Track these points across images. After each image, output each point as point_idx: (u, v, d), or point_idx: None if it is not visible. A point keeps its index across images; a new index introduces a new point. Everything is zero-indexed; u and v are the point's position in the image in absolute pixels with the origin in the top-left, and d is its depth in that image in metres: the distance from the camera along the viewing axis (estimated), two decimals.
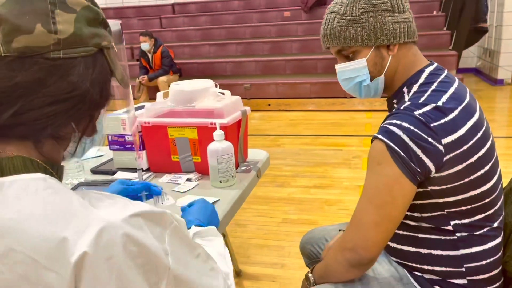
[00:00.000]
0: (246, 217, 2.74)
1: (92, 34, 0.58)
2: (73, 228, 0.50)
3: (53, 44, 0.54)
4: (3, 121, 0.54)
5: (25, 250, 0.49)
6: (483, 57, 7.34)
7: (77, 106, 0.57)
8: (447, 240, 0.99)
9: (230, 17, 7.78)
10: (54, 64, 0.54)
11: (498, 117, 4.95)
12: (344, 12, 1.01)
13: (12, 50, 0.53)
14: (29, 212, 0.51)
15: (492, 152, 1.00)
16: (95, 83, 0.59)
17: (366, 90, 1.09)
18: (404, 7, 1.03)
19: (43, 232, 0.50)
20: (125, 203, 0.56)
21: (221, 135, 1.28)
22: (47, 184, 0.54)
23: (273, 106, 5.87)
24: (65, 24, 0.55)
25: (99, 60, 0.59)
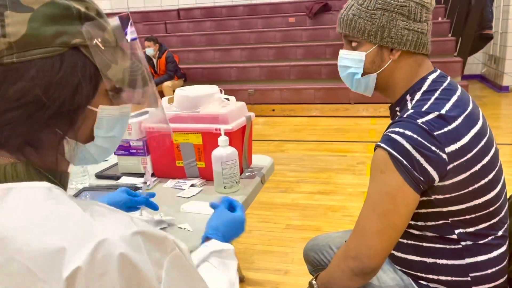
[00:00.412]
0: (250, 222, 2.74)
1: (56, 33, 0.54)
2: (72, 240, 0.49)
3: (5, 48, 0.51)
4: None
5: (24, 260, 0.48)
6: (488, 64, 7.32)
7: (36, 114, 0.54)
8: (452, 249, 0.98)
9: (235, 22, 7.82)
10: (8, 69, 0.52)
11: (503, 124, 4.93)
12: (362, 2, 1.02)
13: None
14: (31, 223, 0.50)
15: (495, 160, 0.99)
16: (60, 85, 0.54)
17: (357, 83, 1.09)
18: (421, 17, 1.00)
19: (42, 243, 0.49)
20: (127, 220, 0.54)
21: (226, 141, 1.28)
22: (52, 195, 0.53)
23: (277, 111, 5.88)
24: (16, 26, 0.52)
25: (68, 60, 0.54)
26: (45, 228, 0.50)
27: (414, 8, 0.99)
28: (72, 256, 0.48)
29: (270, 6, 8.18)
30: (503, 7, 6.59)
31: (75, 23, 0.56)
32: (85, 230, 0.50)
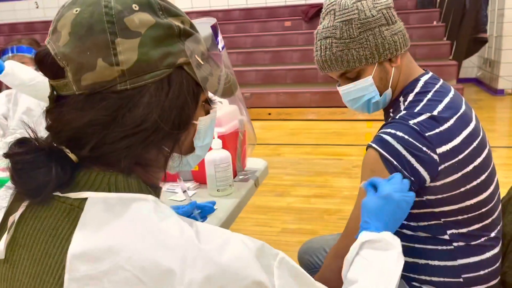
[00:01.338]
0: (245, 226, 2.73)
1: (162, 55, 0.55)
2: (182, 262, 0.50)
3: (118, 76, 0.53)
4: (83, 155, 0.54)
5: (134, 270, 0.49)
6: (484, 67, 7.35)
7: (150, 137, 0.55)
8: (444, 250, 0.98)
9: (231, 26, 7.83)
10: (122, 97, 0.53)
11: (498, 127, 4.95)
12: (341, 35, 1.00)
13: (83, 88, 0.53)
14: (141, 234, 0.51)
15: (488, 162, 1.00)
16: (171, 107, 0.56)
17: (375, 106, 1.09)
18: (395, 17, 1.03)
19: (153, 256, 0.50)
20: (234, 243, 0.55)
21: (219, 144, 1.28)
22: (159, 208, 0.54)
23: (273, 115, 5.88)
24: (128, 53, 0.53)
25: (175, 80, 0.56)
26: (155, 242, 0.51)
27: (387, 13, 1.01)
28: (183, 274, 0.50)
29: (266, 10, 8.20)
30: (497, 11, 6.63)
31: (177, 41, 0.57)
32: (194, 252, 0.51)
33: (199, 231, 0.54)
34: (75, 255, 0.50)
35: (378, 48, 1.00)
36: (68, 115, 0.54)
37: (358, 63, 1.01)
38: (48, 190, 0.54)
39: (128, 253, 0.50)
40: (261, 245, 0.58)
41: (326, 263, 1.02)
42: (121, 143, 0.54)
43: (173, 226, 0.53)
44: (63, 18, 0.55)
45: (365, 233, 0.77)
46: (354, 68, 1.03)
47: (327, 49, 1.03)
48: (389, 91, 1.05)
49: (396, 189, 0.80)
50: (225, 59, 0.67)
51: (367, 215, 0.80)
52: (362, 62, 1.01)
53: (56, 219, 0.54)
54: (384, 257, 0.74)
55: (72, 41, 0.53)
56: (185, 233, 0.53)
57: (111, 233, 0.51)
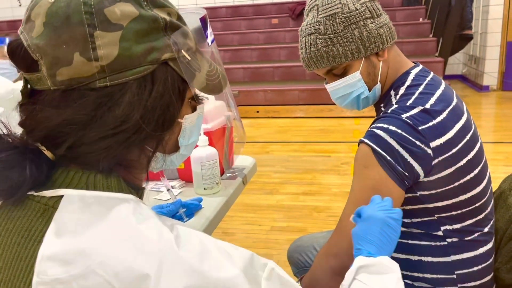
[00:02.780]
0: (234, 225, 2.70)
1: (146, 50, 0.51)
2: (158, 268, 0.47)
3: (97, 72, 0.49)
4: (59, 154, 0.51)
5: (106, 275, 0.46)
6: (469, 64, 7.43)
7: (131, 138, 0.51)
8: (438, 246, 0.96)
9: (218, 24, 7.77)
10: (101, 94, 0.49)
11: (484, 123, 5.00)
12: (326, 31, 0.98)
13: (58, 83, 0.49)
14: (117, 237, 0.48)
15: (481, 155, 0.98)
16: (154, 107, 0.52)
17: (364, 102, 1.06)
18: (380, 10, 1.01)
19: (128, 261, 0.46)
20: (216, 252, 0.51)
21: (205, 141, 1.24)
22: (139, 210, 0.51)
23: (261, 113, 5.85)
24: (108, 47, 0.49)
25: (159, 77, 0.52)
26: (132, 246, 0.47)
27: (371, 6, 0.99)
28: (158, 282, 0.46)
29: (253, 7, 8.16)
30: (482, 8, 6.70)
31: (163, 35, 0.53)
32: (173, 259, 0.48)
33: (180, 236, 0.50)
34: (45, 257, 0.47)
35: (364, 42, 0.98)
36: (42, 112, 0.50)
37: (344, 58, 0.99)
38: (23, 190, 0.50)
39: (101, 257, 0.46)
40: (249, 255, 0.54)
41: (316, 262, 1.00)
42: (100, 143, 0.50)
43: (152, 229, 0.49)
44: (37, 6, 0.50)
45: (360, 258, 0.73)
46: (340, 64, 1.00)
47: (311, 46, 1.00)
48: (378, 86, 1.03)
49: (377, 208, 0.76)
50: (214, 53, 0.63)
51: (357, 242, 0.75)
52: (348, 57, 0.98)
53: (30, 219, 0.50)
54: (382, 281, 0.69)
55: (46, 32, 0.49)
56: (164, 238, 0.49)
57: (84, 235, 0.47)
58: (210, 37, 0.61)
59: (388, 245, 0.75)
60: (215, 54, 0.64)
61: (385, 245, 0.74)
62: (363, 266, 0.71)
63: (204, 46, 0.61)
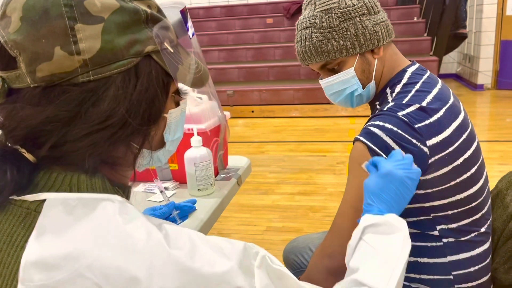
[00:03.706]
0: (229, 226, 2.68)
1: (129, 43, 0.49)
2: (149, 269, 0.45)
3: (79, 67, 0.47)
4: (42, 154, 0.49)
5: (95, 277, 0.44)
6: (463, 63, 7.45)
7: (117, 134, 0.50)
8: (434, 246, 0.95)
9: (213, 24, 7.75)
10: (85, 89, 0.48)
11: (479, 121, 5.01)
12: (321, 25, 0.96)
13: (39, 80, 0.47)
14: (104, 238, 0.46)
15: (478, 154, 0.97)
16: (139, 100, 0.50)
17: (358, 99, 1.05)
18: (377, 7, 1.00)
19: (117, 263, 0.45)
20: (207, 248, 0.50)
21: (199, 141, 1.23)
22: (125, 210, 0.49)
23: (256, 113, 5.83)
24: (89, 41, 0.47)
25: (143, 70, 0.51)
26: (120, 247, 0.46)
27: (368, 2, 0.98)
28: (149, 284, 0.45)
29: (248, 7, 8.15)
30: (476, 7, 6.72)
31: (144, 27, 0.51)
32: (163, 259, 0.47)
33: (169, 235, 0.49)
34: (29, 263, 0.45)
35: (359, 38, 0.96)
36: (22, 111, 0.48)
37: (338, 53, 0.97)
38: (4, 195, 0.48)
39: (89, 260, 0.45)
40: (242, 246, 0.53)
41: (312, 263, 0.98)
42: (85, 140, 0.49)
43: (140, 229, 0.48)
44: (13, 1, 0.48)
45: (367, 216, 0.71)
46: (334, 59, 0.99)
47: (307, 40, 0.99)
48: (372, 83, 1.02)
49: (397, 166, 0.74)
50: (195, 46, 0.62)
51: (369, 197, 0.73)
52: (342, 52, 0.97)
53: (11, 225, 0.48)
54: (388, 242, 0.68)
55: (24, 27, 0.47)
56: (153, 237, 0.48)
57: (70, 238, 0.46)
58: (191, 30, 0.60)
59: (400, 204, 0.73)
60: (196, 47, 0.63)
61: (397, 204, 0.73)
62: (370, 226, 0.70)
63: (185, 39, 0.60)
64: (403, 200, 0.74)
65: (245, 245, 0.54)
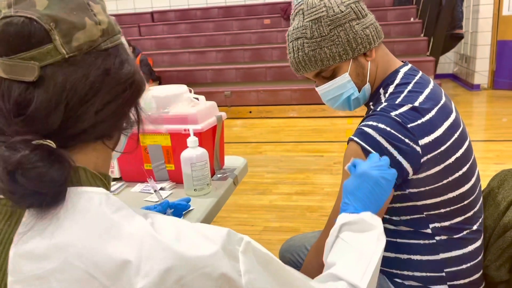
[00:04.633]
0: (227, 226, 2.65)
1: (114, 22, 0.58)
2: (138, 253, 0.47)
3: (100, 36, 0.54)
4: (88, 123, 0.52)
5: (85, 266, 0.46)
6: (460, 63, 7.48)
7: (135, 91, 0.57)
8: (426, 244, 0.96)
9: (210, 24, 7.76)
10: (108, 54, 0.54)
11: (475, 121, 5.03)
12: (312, 35, 0.98)
13: (74, 49, 0.51)
14: (92, 227, 0.48)
15: (469, 153, 0.98)
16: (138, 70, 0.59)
17: (355, 102, 1.06)
18: (365, 11, 1.01)
19: (106, 250, 0.46)
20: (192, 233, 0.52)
21: (195, 142, 1.24)
22: (111, 201, 0.51)
23: (254, 113, 5.85)
24: (101, 15, 0.55)
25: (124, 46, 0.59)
26: (108, 235, 0.47)
27: (355, 7, 0.99)
28: (139, 268, 0.47)
29: (245, 8, 8.16)
30: (473, 7, 6.76)
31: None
32: (153, 243, 0.49)
33: (155, 222, 0.51)
34: (17, 255, 0.47)
35: (351, 44, 0.98)
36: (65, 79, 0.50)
37: (332, 60, 0.99)
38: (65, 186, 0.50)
39: (77, 248, 0.46)
40: (226, 232, 0.54)
41: (307, 260, 1.00)
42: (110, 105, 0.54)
43: (127, 217, 0.50)
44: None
45: (343, 215, 0.76)
46: (328, 67, 1.00)
47: (299, 50, 1.00)
48: (367, 86, 1.03)
49: (373, 167, 0.79)
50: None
51: (346, 196, 0.79)
52: (336, 59, 0.99)
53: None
54: (363, 239, 0.72)
55: (54, 2, 0.52)
56: (140, 224, 0.50)
57: (58, 230, 0.47)
58: None
59: (375, 203, 0.77)
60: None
61: (372, 203, 0.77)
62: (346, 224, 0.74)
63: None
64: (379, 200, 0.78)
65: (228, 231, 0.55)
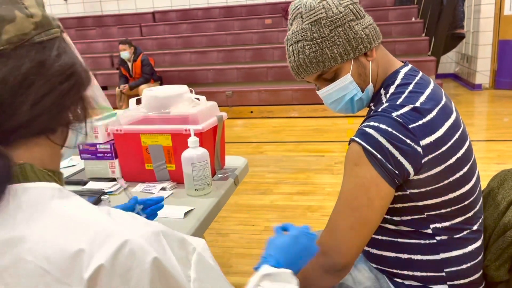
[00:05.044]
0: (228, 226, 2.69)
1: (51, 16, 0.56)
2: (91, 239, 0.47)
3: (33, 29, 0.52)
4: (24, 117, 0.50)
5: (37, 260, 0.45)
6: (461, 63, 7.48)
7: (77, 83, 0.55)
8: (427, 244, 0.96)
9: (211, 24, 7.77)
10: (44, 47, 0.53)
11: (476, 121, 5.03)
12: (312, 36, 0.98)
13: (4, 42, 0.50)
14: (44, 221, 0.47)
15: (470, 154, 0.98)
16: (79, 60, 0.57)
17: (359, 103, 1.06)
18: (362, 12, 1.01)
19: (58, 242, 0.46)
20: (146, 221, 0.53)
21: (196, 142, 1.24)
22: (63, 194, 0.51)
23: (255, 113, 5.85)
24: (33, 8, 0.54)
25: (65, 41, 0.57)
26: (60, 226, 0.47)
27: (353, 8, 0.99)
28: (92, 256, 0.46)
29: (246, 8, 8.17)
30: (474, 7, 6.75)
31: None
32: (106, 228, 0.48)
33: (110, 212, 0.51)
34: None
35: (352, 44, 0.98)
36: None
37: (333, 61, 0.99)
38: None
39: (28, 243, 0.46)
40: (181, 237, 0.55)
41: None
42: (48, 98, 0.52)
43: (80, 208, 0.50)
44: None
45: (265, 267, 0.79)
46: (330, 68, 1.00)
47: (300, 53, 1.00)
48: (370, 86, 1.03)
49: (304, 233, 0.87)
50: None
51: (274, 250, 0.83)
52: (337, 60, 0.99)
53: None
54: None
55: None
56: (95, 214, 0.50)
57: (7, 226, 0.47)
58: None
59: (297, 266, 0.84)
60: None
61: (294, 265, 0.82)
62: (268, 275, 0.77)
63: None
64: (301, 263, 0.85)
65: (183, 237, 0.55)
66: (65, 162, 1.67)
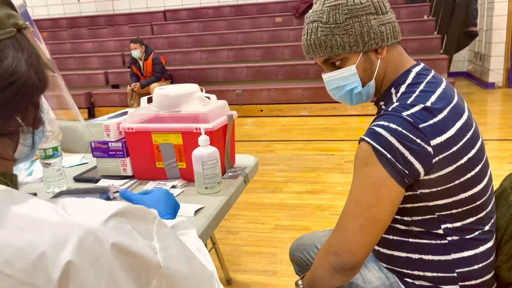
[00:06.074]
0: (238, 224, 2.70)
1: (6, 15, 0.53)
2: (51, 241, 0.45)
3: None
4: None
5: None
6: (474, 61, 7.38)
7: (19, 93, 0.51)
8: (438, 244, 0.96)
9: (222, 23, 7.78)
10: None
11: (490, 120, 4.97)
12: (327, 20, 0.98)
13: None
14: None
15: (482, 154, 0.97)
16: (29, 65, 0.53)
17: (357, 97, 1.06)
18: (386, 8, 1.00)
19: (17, 244, 0.44)
20: (101, 204, 0.51)
21: (206, 140, 1.25)
22: (12, 195, 0.49)
23: (265, 111, 5.85)
24: None
25: (22, 42, 0.54)
26: (17, 228, 0.45)
27: (377, 2, 0.98)
28: (56, 257, 0.45)
29: (257, 6, 8.16)
30: (487, 4, 6.65)
31: (9, 7, 0.55)
32: (64, 226, 0.47)
33: (66, 206, 0.50)
34: None
35: (363, 37, 0.98)
36: None
37: (341, 49, 0.99)
38: None
39: None
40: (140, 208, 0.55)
41: (317, 260, 1.00)
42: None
43: (35, 208, 0.48)
44: None
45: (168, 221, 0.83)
46: (337, 55, 1.00)
47: (312, 33, 1.01)
48: (372, 82, 1.03)
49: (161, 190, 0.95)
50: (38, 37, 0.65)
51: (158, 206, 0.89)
52: (345, 49, 0.99)
53: None
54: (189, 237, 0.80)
55: None
56: (52, 211, 0.48)
57: None
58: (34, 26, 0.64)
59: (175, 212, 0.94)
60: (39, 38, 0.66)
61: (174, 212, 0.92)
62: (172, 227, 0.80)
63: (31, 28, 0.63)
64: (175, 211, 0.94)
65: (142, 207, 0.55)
66: (77, 160, 1.69)
